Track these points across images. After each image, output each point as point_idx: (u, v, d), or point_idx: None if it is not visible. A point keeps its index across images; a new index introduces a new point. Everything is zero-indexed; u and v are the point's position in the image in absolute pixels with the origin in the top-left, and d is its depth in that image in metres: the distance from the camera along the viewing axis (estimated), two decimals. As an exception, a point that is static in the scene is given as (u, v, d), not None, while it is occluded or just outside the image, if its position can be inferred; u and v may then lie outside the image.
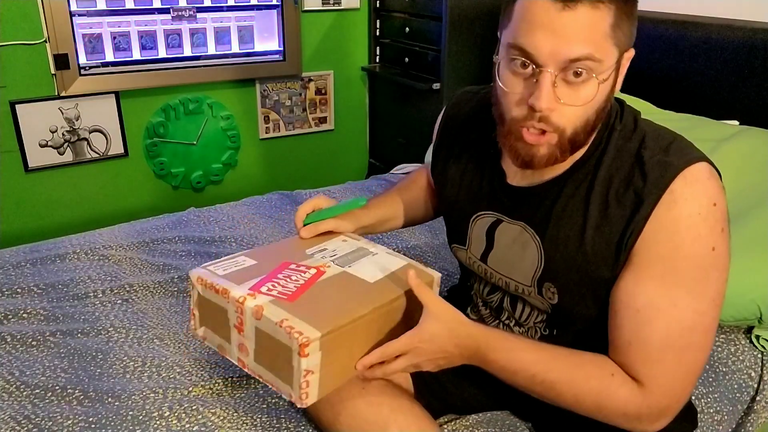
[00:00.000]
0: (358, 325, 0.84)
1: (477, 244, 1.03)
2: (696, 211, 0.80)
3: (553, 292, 0.93)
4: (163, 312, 1.40)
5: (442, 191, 1.10)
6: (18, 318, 1.35)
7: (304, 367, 0.78)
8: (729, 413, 1.18)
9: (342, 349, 0.84)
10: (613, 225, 0.85)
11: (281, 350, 0.80)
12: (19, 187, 2.38)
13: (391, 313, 0.90)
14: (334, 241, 1.03)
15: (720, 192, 0.83)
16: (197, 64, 2.59)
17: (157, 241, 1.70)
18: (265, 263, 0.94)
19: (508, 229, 0.98)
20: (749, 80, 1.57)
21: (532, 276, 0.95)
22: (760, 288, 1.21)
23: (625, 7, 0.79)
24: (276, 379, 0.83)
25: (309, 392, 0.81)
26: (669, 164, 0.82)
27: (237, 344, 0.87)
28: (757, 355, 1.27)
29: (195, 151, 2.69)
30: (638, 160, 0.85)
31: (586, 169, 0.89)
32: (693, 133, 1.51)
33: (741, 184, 1.36)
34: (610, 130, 0.89)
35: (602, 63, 0.79)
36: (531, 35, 0.79)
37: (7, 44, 2.21)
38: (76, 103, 2.39)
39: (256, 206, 1.94)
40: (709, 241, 0.81)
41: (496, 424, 1.09)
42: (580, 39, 0.77)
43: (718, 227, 0.82)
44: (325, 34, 2.85)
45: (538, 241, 0.93)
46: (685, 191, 0.81)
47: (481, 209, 1.01)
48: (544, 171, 0.91)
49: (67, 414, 1.08)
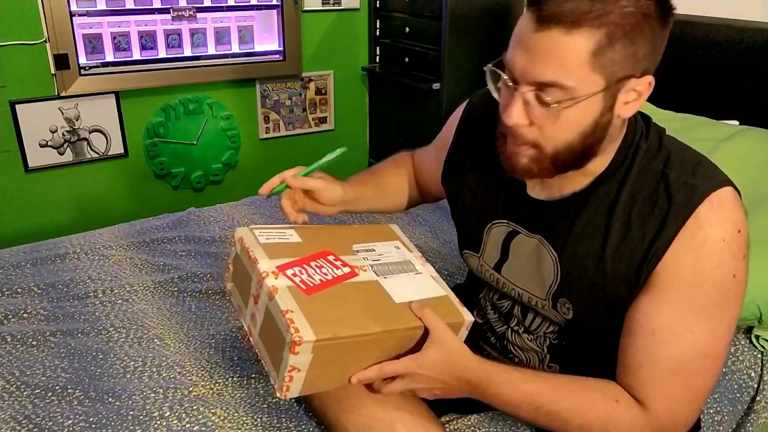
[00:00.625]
0: (361, 341, 0.82)
1: (491, 253, 1.02)
2: (720, 237, 0.80)
3: (569, 308, 0.92)
4: (163, 312, 1.40)
5: (456, 196, 1.07)
6: (18, 318, 1.35)
7: (290, 363, 0.78)
8: (729, 413, 1.18)
9: (337, 359, 0.82)
10: (635, 245, 0.84)
11: (278, 337, 0.80)
12: (19, 187, 2.38)
13: (402, 340, 0.87)
14: (386, 245, 1.01)
15: (744, 219, 0.82)
16: (197, 64, 2.59)
17: (157, 241, 1.70)
18: (308, 245, 0.93)
19: (524, 241, 0.96)
20: (749, 80, 1.57)
21: (548, 291, 0.94)
22: (760, 288, 1.21)
23: (619, 31, 0.74)
24: (269, 362, 0.84)
25: (290, 387, 0.81)
26: (695, 187, 0.81)
27: (250, 313, 0.88)
28: (756, 355, 1.27)
29: (195, 151, 2.69)
30: (664, 181, 0.83)
31: (609, 187, 0.87)
32: (693, 133, 1.52)
33: (741, 184, 1.35)
34: (636, 148, 0.87)
35: (573, 90, 0.76)
36: (511, 51, 0.80)
37: (7, 44, 2.21)
38: (76, 103, 2.39)
39: (256, 206, 1.94)
40: (731, 268, 0.80)
41: (498, 423, 1.09)
42: (549, 63, 0.75)
43: (740, 254, 0.81)
44: (325, 34, 2.85)
45: (555, 256, 0.91)
46: (710, 216, 0.80)
47: (497, 217, 0.99)
48: (563, 185, 0.90)
49: (68, 414, 1.08)
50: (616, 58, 0.75)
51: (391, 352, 0.87)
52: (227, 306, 1.44)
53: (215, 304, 1.44)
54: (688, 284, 0.80)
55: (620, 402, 0.85)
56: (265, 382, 1.18)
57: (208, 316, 1.40)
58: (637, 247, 0.83)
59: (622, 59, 0.75)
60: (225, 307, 1.43)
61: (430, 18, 2.47)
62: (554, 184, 0.91)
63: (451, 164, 1.09)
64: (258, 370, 1.21)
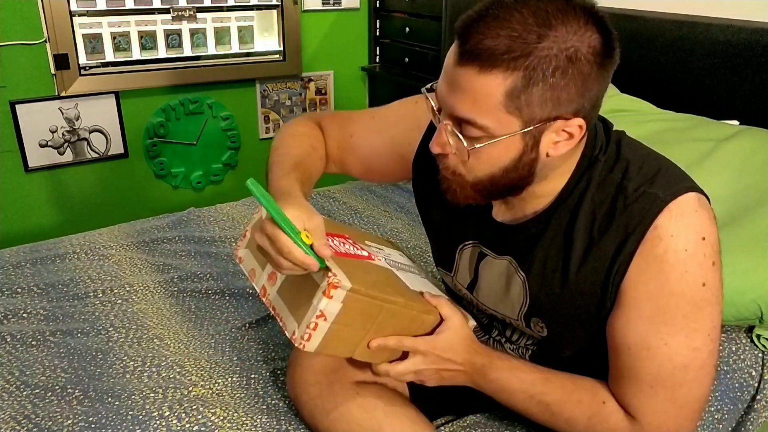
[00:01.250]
0: (385, 307, 0.85)
1: (464, 274, 1.02)
2: (683, 248, 0.77)
3: (542, 327, 0.92)
4: (163, 312, 1.40)
5: (427, 213, 1.06)
6: (18, 318, 1.35)
7: (321, 308, 0.79)
8: (729, 412, 1.18)
9: (359, 319, 0.84)
10: (598, 261, 0.82)
11: (309, 286, 0.81)
12: (19, 186, 2.38)
13: (417, 322, 0.90)
14: (393, 251, 1.06)
15: (709, 224, 0.79)
16: (197, 64, 2.59)
17: (157, 241, 1.70)
18: (329, 227, 0.95)
19: (493, 263, 0.96)
20: (749, 80, 1.57)
21: (519, 311, 0.94)
22: (761, 287, 1.21)
23: (538, 74, 0.70)
24: (288, 315, 0.84)
25: (312, 336, 0.81)
26: (654, 197, 0.78)
27: (269, 273, 0.89)
28: (757, 354, 1.27)
29: (195, 151, 2.69)
30: (622, 193, 0.81)
31: (569, 205, 0.85)
32: (693, 133, 1.52)
33: (741, 184, 1.36)
34: (593, 162, 0.84)
35: (489, 129, 0.74)
36: (440, 80, 0.79)
37: (7, 44, 2.21)
38: (76, 103, 2.39)
39: (256, 206, 1.94)
40: (698, 278, 0.78)
41: (494, 424, 1.09)
42: (466, 99, 0.74)
43: (707, 262, 0.78)
44: (325, 34, 2.85)
45: (523, 277, 0.91)
46: (670, 226, 0.77)
47: (468, 239, 0.99)
48: (524, 207, 0.89)
49: (67, 414, 1.08)
50: (534, 101, 0.72)
51: (404, 332, 0.90)
52: (227, 306, 1.44)
53: (215, 304, 1.44)
54: (656, 297, 0.79)
55: (607, 404, 0.86)
56: (265, 383, 1.18)
57: (207, 316, 1.40)
58: (600, 263, 0.82)
59: (540, 102, 0.73)
60: (225, 307, 1.43)
61: (430, 18, 2.47)
62: (516, 205, 0.90)
63: (419, 177, 1.06)
64: (257, 370, 1.21)
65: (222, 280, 1.52)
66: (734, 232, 1.27)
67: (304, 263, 0.77)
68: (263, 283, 0.90)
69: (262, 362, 1.24)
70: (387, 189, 2.10)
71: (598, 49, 0.73)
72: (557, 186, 0.85)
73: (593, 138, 0.86)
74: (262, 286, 0.90)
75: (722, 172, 1.37)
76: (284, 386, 1.17)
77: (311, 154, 1.05)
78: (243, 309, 1.42)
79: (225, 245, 1.69)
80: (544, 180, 0.84)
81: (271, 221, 0.76)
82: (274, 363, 1.24)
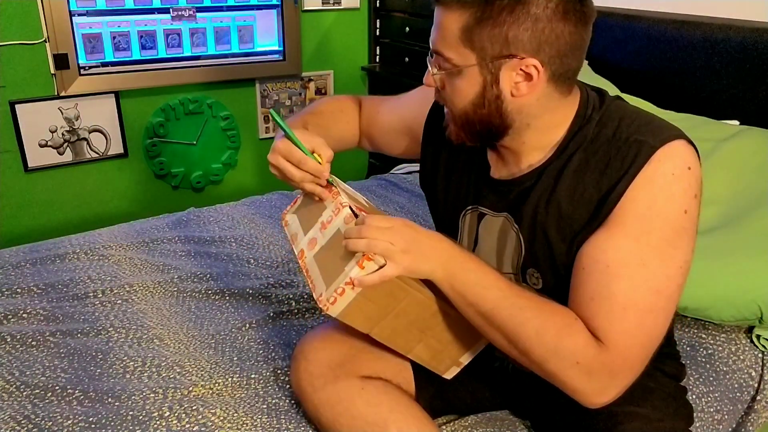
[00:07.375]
0: (410, 293, 0.89)
1: (467, 241, 1.04)
2: (670, 171, 0.82)
3: (537, 278, 0.94)
4: (163, 312, 1.40)
5: (432, 187, 1.09)
6: (18, 318, 1.35)
7: (352, 275, 0.83)
8: (729, 412, 1.18)
9: (386, 298, 0.88)
10: (588, 204, 0.86)
11: (344, 256, 0.86)
12: (19, 187, 2.38)
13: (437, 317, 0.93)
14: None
15: (695, 160, 0.84)
16: (197, 64, 2.59)
17: (156, 241, 1.70)
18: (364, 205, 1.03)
19: (491, 222, 0.98)
20: (749, 80, 1.57)
21: (516, 264, 0.96)
22: (761, 288, 1.21)
23: (485, 13, 0.80)
24: (319, 277, 0.90)
25: (338, 301, 0.85)
26: (644, 143, 0.83)
27: (310, 239, 0.96)
28: (757, 355, 1.27)
29: (195, 151, 2.69)
30: (615, 142, 0.86)
31: (563, 158, 0.89)
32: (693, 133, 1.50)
33: (741, 184, 1.36)
34: (587, 120, 0.89)
35: (452, 60, 0.85)
36: None
37: (7, 44, 2.21)
38: (75, 103, 2.39)
39: (256, 206, 1.94)
40: (682, 204, 0.82)
41: (495, 424, 1.09)
42: (438, 35, 0.87)
43: (691, 191, 0.82)
44: (325, 34, 2.85)
45: (516, 228, 0.94)
46: (660, 155, 0.82)
47: (468, 204, 1.02)
48: (520, 161, 0.93)
49: (67, 414, 1.08)
50: (484, 37, 0.82)
51: (420, 327, 0.94)
52: (227, 306, 1.44)
53: (215, 305, 1.44)
54: (642, 217, 0.82)
55: (577, 322, 0.84)
56: (265, 383, 1.18)
57: (207, 316, 1.40)
58: (589, 206, 0.86)
59: (489, 38, 0.81)
60: (224, 307, 1.43)
61: (430, 18, 2.47)
62: (510, 161, 0.95)
63: (425, 159, 1.11)
64: (257, 370, 1.21)
65: (222, 280, 1.52)
66: (734, 233, 1.28)
67: (317, 170, 0.93)
68: (303, 247, 0.97)
69: (262, 362, 1.24)
70: (387, 189, 2.10)
71: None
72: (550, 140, 0.90)
73: (586, 99, 0.91)
74: (301, 249, 0.97)
75: (722, 172, 1.38)
76: (285, 386, 1.17)
77: (335, 114, 1.19)
78: (243, 309, 1.42)
79: (225, 245, 1.69)
80: (530, 130, 0.89)
81: (284, 141, 0.93)
82: (274, 363, 1.24)
